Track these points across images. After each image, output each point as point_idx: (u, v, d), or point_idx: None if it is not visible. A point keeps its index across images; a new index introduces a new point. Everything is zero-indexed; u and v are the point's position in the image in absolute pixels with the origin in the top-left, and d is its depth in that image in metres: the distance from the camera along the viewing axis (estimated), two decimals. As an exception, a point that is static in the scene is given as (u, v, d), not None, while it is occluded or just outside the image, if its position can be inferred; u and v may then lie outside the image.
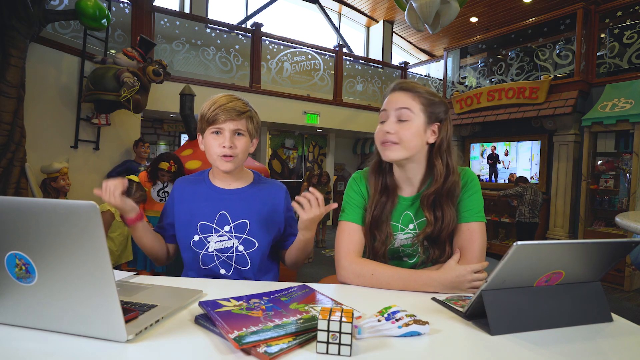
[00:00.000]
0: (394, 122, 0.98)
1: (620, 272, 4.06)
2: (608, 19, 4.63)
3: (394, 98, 0.99)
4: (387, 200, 1.03)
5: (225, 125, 1.04)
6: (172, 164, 2.77)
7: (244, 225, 1.09)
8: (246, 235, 1.09)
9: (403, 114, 0.97)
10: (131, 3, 4.45)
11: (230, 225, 1.09)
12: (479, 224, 0.98)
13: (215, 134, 1.06)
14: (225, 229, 1.09)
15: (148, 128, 6.34)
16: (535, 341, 0.65)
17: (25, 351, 0.57)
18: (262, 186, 1.16)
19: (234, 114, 1.04)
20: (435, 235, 1.00)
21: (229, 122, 1.04)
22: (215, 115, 1.03)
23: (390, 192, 1.04)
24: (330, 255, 5.37)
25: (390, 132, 0.97)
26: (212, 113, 1.04)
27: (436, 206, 1.00)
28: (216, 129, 1.05)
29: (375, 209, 1.03)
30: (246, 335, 0.59)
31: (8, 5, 2.66)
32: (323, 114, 6.33)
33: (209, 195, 1.12)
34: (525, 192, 4.35)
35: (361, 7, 8.65)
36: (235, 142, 1.06)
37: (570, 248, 0.69)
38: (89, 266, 0.57)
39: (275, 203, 1.14)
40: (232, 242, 1.08)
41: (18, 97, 2.80)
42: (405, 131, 0.96)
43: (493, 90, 5.09)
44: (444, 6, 3.05)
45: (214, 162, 1.08)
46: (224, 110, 1.03)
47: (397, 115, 0.97)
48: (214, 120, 1.04)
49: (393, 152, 0.97)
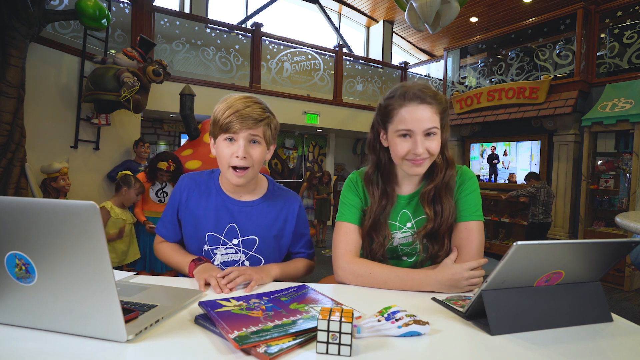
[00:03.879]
0: (423, 139, 0.94)
1: (620, 272, 4.06)
2: (608, 19, 4.63)
3: (417, 115, 0.93)
4: (387, 202, 1.03)
5: (240, 134, 0.95)
6: (170, 164, 2.77)
7: (252, 241, 1.05)
8: (254, 253, 1.06)
9: (432, 131, 0.94)
10: (131, 3, 4.45)
11: (239, 239, 1.05)
12: (477, 223, 0.98)
13: (229, 141, 0.97)
14: (233, 242, 1.05)
15: (148, 128, 6.34)
16: (535, 341, 0.65)
17: (25, 351, 0.57)
18: (275, 200, 1.09)
19: (250, 122, 0.94)
20: (435, 231, 1.00)
21: (244, 131, 0.95)
22: (229, 123, 0.94)
23: (389, 194, 1.03)
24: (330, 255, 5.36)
25: (422, 151, 0.93)
26: (226, 120, 0.94)
27: (436, 201, 1.00)
28: (230, 136, 0.96)
29: (375, 212, 1.02)
30: (246, 335, 0.59)
31: (8, 5, 2.66)
32: (323, 114, 6.33)
33: (219, 205, 1.05)
34: (539, 192, 4.17)
35: (361, 7, 8.65)
36: (250, 151, 0.97)
37: (570, 248, 0.69)
38: (89, 266, 0.57)
39: (287, 218, 1.10)
40: (239, 256, 1.06)
41: (18, 97, 2.80)
42: (435, 145, 0.95)
43: (493, 90, 5.09)
44: (444, 6, 3.05)
45: (225, 173, 1.00)
46: (240, 118, 0.93)
47: (425, 133, 0.94)
48: (228, 128, 0.95)
49: (424, 167, 0.97)
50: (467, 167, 1.07)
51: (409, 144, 0.94)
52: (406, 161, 0.97)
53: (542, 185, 4.23)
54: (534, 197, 4.21)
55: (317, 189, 5.83)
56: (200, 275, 0.91)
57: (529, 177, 4.41)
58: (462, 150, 5.91)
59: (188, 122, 3.51)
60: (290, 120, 6.02)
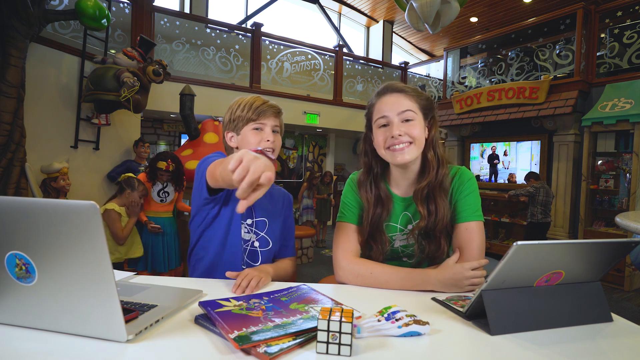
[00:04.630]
0: (400, 123, 0.96)
1: (620, 272, 4.06)
2: (608, 19, 4.63)
3: (390, 101, 0.98)
4: (382, 210, 1.03)
5: (267, 121, 1.09)
6: (169, 163, 2.77)
7: (263, 223, 1.13)
8: (264, 234, 1.12)
9: (407, 115, 0.96)
10: (131, 3, 4.45)
11: (253, 220, 1.12)
12: (477, 224, 0.98)
13: (256, 130, 1.09)
14: (247, 222, 1.11)
15: (148, 128, 6.34)
16: (535, 341, 0.65)
17: (25, 351, 0.57)
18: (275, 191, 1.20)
19: (273, 111, 1.10)
20: (430, 230, 1.01)
21: (270, 119, 1.10)
22: (260, 112, 1.08)
23: (384, 201, 1.03)
24: (330, 255, 5.37)
25: (401, 134, 0.95)
26: (256, 109, 1.08)
27: (429, 200, 1.00)
28: (258, 125, 1.09)
29: (372, 220, 1.03)
30: (246, 335, 0.59)
31: (8, 5, 2.66)
32: (323, 114, 6.33)
33: None
34: (538, 192, 4.16)
35: (361, 7, 8.65)
36: (274, 138, 1.10)
37: (570, 248, 0.69)
38: (89, 266, 0.57)
39: (285, 209, 1.20)
40: (250, 236, 1.11)
41: (18, 97, 2.80)
42: (414, 129, 0.96)
43: (493, 90, 5.09)
44: (444, 6, 3.05)
45: None
46: (269, 107, 1.09)
47: (401, 118, 0.96)
48: (258, 116, 1.08)
49: (408, 154, 0.96)
50: (465, 167, 1.06)
51: (387, 131, 0.97)
52: (388, 151, 0.98)
53: (542, 185, 4.22)
54: (532, 197, 4.20)
55: (318, 188, 5.83)
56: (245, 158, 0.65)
57: (528, 177, 4.41)
58: (462, 150, 5.91)
59: (188, 122, 3.51)
60: (290, 120, 6.02)
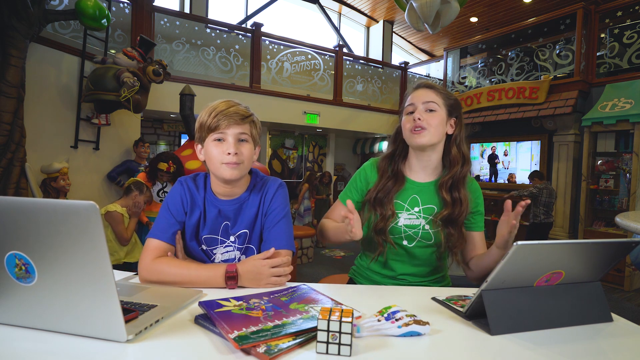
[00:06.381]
0: (423, 111, 1.10)
1: (620, 272, 4.06)
2: (608, 19, 4.63)
3: (419, 94, 1.12)
4: (394, 184, 1.14)
5: (228, 131, 0.98)
6: (170, 164, 2.77)
7: (244, 235, 1.07)
8: (247, 244, 1.08)
9: (430, 106, 1.10)
10: (131, 3, 4.45)
11: (235, 235, 1.06)
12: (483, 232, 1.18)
13: (218, 141, 0.99)
14: (230, 240, 1.06)
15: (148, 128, 6.33)
16: (535, 341, 0.65)
17: (25, 351, 0.57)
18: (257, 188, 1.09)
19: (237, 118, 0.98)
20: (454, 219, 1.10)
21: (233, 127, 0.98)
22: (217, 121, 0.97)
23: (399, 177, 1.15)
24: (330, 255, 5.37)
25: (420, 119, 1.08)
26: (213, 119, 0.97)
27: (453, 190, 1.11)
28: (219, 135, 0.98)
29: (378, 191, 1.13)
30: (246, 335, 0.59)
31: (8, 5, 2.65)
32: (323, 114, 6.33)
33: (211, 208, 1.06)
34: (541, 194, 4.13)
35: (361, 7, 8.64)
36: (240, 149, 0.99)
37: (570, 248, 0.69)
38: (89, 266, 0.57)
39: (266, 200, 1.07)
40: (235, 253, 1.07)
41: (18, 97, 2.80)
42: (433, 119, 1.09)
43: (493, 90, 5.09)
44: (444, 6, 3.05)
45: (216, 171, 1.00)
46: (226, 115, 0.97)
47: (425, 107, 1.10)
48: (217, 127, 0.97)
49: (423, 138, 1.08)
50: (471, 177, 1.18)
51: (412, 116, 1.11)
52: (409, 133, 1.11)
53: (545, 186, 4.19)
54: (535, 197, 4.17)
55: (317, 189, 5.83)
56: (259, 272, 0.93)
57: (532, 176, 4.37)
58: (462, 150, 5.91)
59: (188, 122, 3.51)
60: (290, 120, 6.01)
